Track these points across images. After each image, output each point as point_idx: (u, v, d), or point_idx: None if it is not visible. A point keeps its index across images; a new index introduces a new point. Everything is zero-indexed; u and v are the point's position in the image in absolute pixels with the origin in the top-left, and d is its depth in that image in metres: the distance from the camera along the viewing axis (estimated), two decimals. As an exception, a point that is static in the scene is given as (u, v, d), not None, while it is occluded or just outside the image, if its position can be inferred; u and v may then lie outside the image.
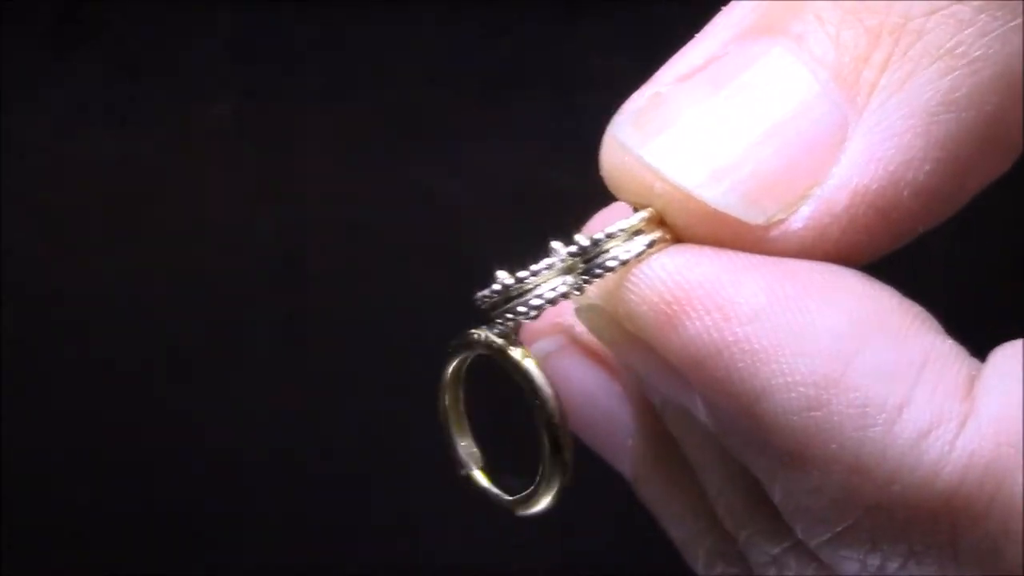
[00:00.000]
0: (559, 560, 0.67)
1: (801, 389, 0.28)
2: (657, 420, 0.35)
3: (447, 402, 0.35)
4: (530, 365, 0.33)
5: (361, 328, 0.66)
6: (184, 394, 0.67)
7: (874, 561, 0.29)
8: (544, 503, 0.34)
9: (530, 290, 0.32)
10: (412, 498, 0.67)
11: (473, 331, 0.33)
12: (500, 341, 0.33)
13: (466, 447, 0.36)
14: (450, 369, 0.35)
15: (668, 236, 0.31)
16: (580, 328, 0.36)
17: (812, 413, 0.28)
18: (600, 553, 0.67)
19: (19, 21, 0.63)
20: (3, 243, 0.65)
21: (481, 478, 0.35)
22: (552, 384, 0.33)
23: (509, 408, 0.34)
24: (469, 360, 0.35)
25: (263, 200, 0.66)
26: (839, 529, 0.29)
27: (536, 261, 0.32)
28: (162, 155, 0.65)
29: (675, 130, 0.30)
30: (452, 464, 0.36)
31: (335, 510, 0.68)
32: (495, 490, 0.35)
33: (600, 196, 0.33)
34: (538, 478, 0.33)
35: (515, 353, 0.33)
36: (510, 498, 0.35)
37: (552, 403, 0.33)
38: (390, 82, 0.64)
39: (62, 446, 0.68)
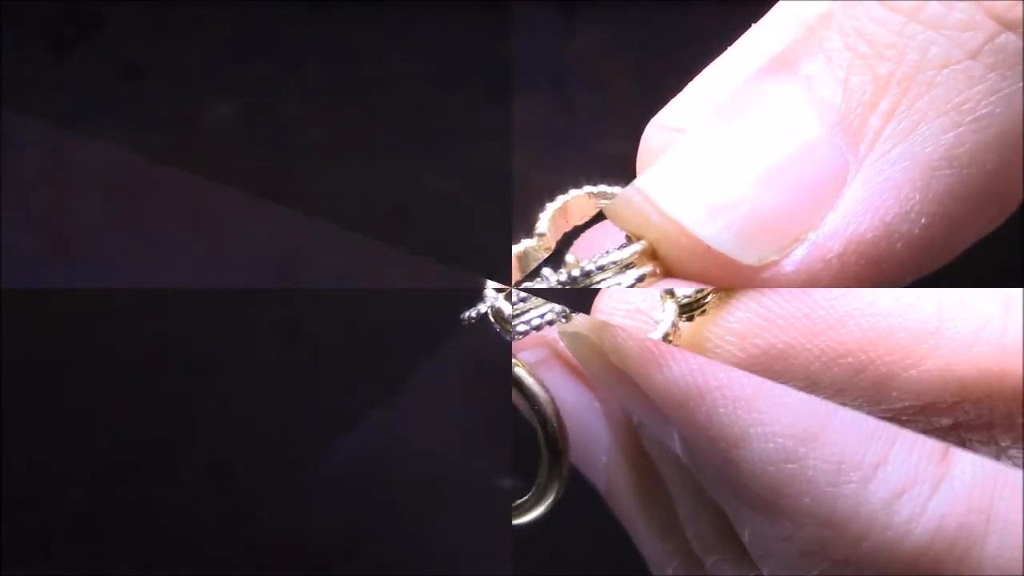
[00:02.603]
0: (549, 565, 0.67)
1: (779, 440, 0.28)
2: (633, 439, 0.35)
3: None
4: (523, 374, 0.33)
5: (360, 329, 0.66)
6: (184, 394, 0.67)
7: None
8: (539, 512, 0.33)
9: (518, 315, 0.32)
10: (410, 499, 0.67)
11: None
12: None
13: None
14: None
15: (659, 270, 0.30)
16: (562, 343, 0.36)
17: (788, 465, 0.28)
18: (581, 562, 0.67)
19: (19, 21, 0.63)
20: (3, 243, 0.65)
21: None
22: (549, 393, 0.33)
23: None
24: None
25: (263, 200, 0.65)
26: None
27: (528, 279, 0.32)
28: (162, 155, 0.65)
29: (676, 164, 0.30)
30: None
31: (334, 511, 0.68)
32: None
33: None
34: (535, 487, 0.33)
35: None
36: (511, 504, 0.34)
37: (550, 410, 0.33)
38: (390, 82, 0.64)
39: (61, 446, 0.67)
